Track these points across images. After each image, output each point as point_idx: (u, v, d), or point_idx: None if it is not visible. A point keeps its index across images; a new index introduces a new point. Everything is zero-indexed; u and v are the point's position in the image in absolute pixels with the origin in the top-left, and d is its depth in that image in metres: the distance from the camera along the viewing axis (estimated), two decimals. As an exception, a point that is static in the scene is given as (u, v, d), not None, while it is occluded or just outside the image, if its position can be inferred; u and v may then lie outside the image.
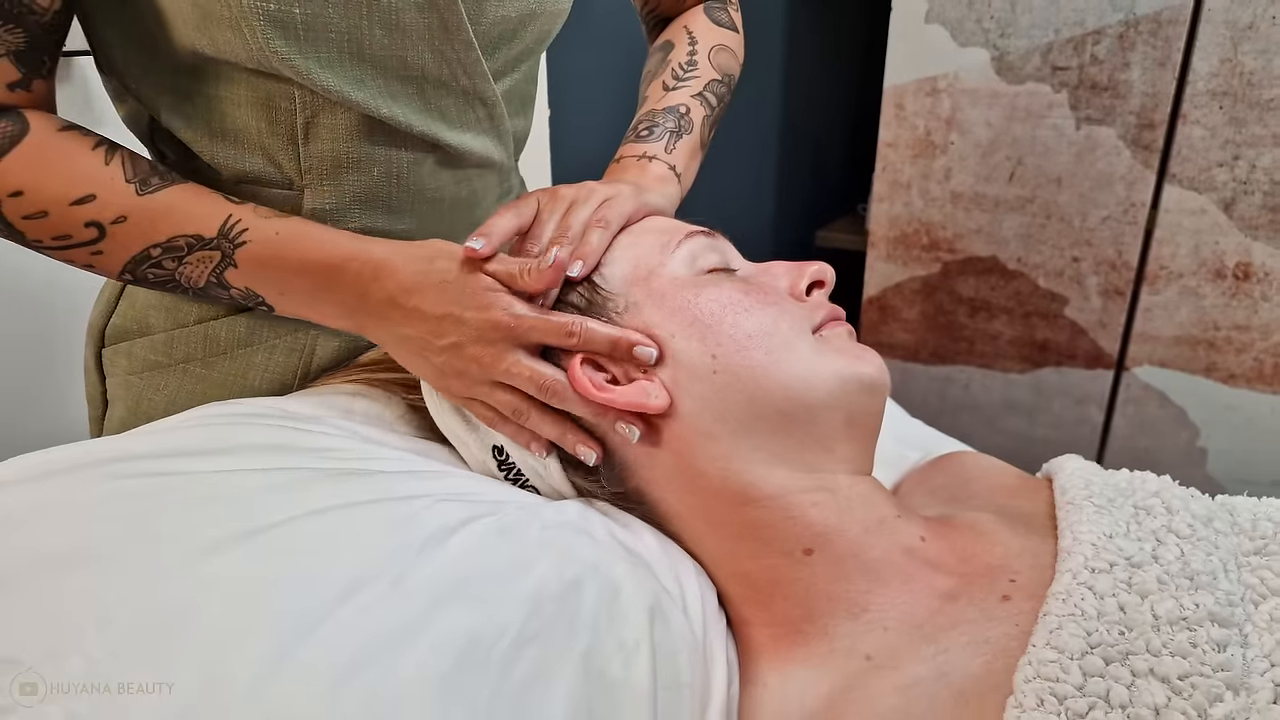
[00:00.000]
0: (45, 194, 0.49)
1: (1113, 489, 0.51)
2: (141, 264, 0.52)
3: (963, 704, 0.40)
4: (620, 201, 0.54)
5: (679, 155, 0.63)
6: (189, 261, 0.52)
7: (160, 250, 0.51)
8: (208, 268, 0.52)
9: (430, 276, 0.49)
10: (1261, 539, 0.46)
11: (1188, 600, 0.40)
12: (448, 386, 0.51)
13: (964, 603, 0.45)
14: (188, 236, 0.51)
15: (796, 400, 0.48)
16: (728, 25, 0.74)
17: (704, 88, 0.68)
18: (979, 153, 1.45)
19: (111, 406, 0.64)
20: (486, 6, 0.56)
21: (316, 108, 0.54)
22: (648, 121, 0.64)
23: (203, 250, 0.51)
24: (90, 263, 0.52)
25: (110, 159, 0.51)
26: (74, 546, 0.40)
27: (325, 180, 0.56)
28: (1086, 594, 0.41)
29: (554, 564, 0.44)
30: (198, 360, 0.60)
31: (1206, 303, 1.36)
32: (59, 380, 1.10)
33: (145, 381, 0.61)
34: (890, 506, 0.50)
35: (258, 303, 0.54)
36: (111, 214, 0.50)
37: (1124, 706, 0.37)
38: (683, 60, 0.69)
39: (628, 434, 0.49)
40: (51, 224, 0.50)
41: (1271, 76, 1.23)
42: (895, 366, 1.64)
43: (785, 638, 0.48)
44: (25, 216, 0.49)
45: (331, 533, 0.42)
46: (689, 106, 0.66)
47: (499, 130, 0.62)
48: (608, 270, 0.52)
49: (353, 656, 0.36)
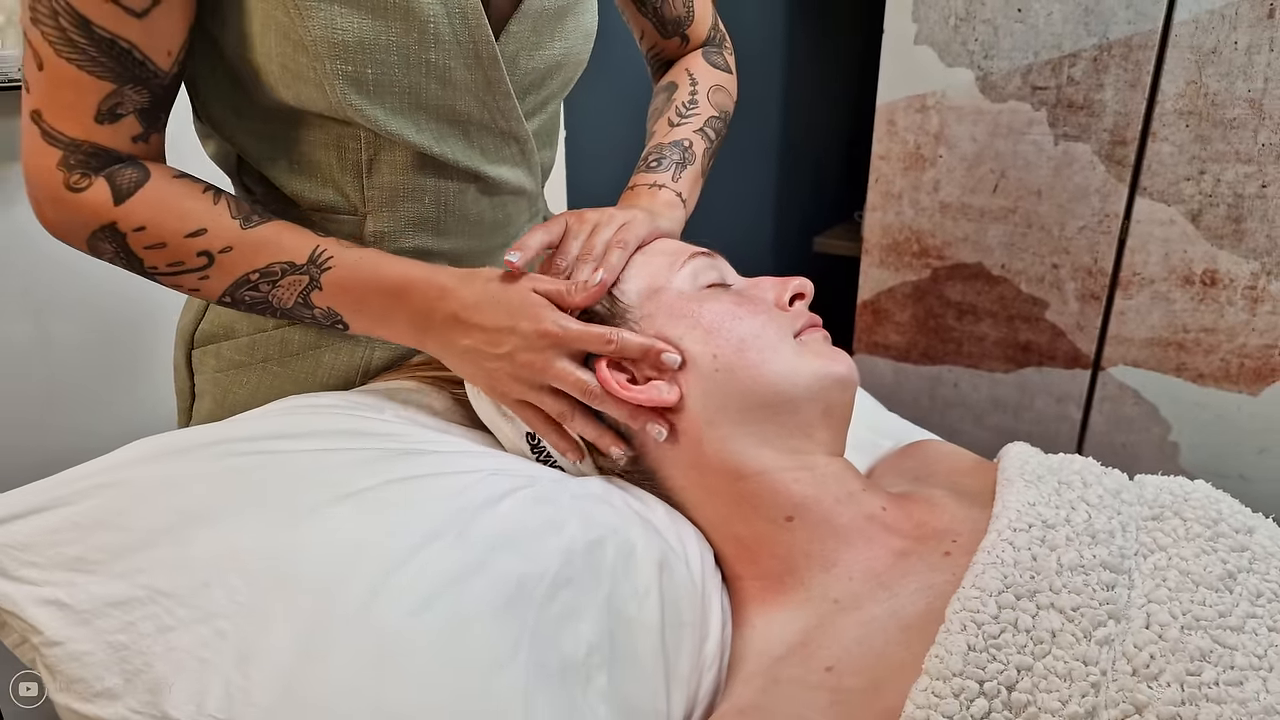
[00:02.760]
0: (165, 229, 0.58)
1: (1043, 468, 0.61)
2: (240, 287, 0.60)
3: (908, 634, 0.50)
4: (636, 225, 0.64)
5: (684, 183, 0.73)
6: (281, 285, 0.60)
7: (258, 275, 0.59)
8: (296, 290, 0.60)
9: (489, 295, 0.58)
10: (1160, 507, 0.57)
11: (1087, 552, 0.51)
12: (502, 391, 0.60)
13: (914, 559, 0.56)
14: (282, 263, 0.59)
15: (782, 394, 0.59)
16: (723, 68, 0.85)
17: (704, 124, 0.78)
18: (965, 166, 1.55)
19: (199, 399, 0.74)
20: (520, 60, 0.66)
21: (378, 147, 0.64)
22: (656, 154, 0.75)
23: (294, 275, 0.59)
24: (197, 286, 0.60)
25: (217, 200, 0.60)
26: (203, 508, 0.51)
27: (384, 207, 0.67)
28: (1006, 547, 0.51)
29: (581, 526, 0.55)
30: (275, 360, 0.70)
31: (1176, 307, 1.45)
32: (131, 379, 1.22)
33: (230, 378, 0.71)
34: (858, 482, 0.60)
35: (335, 321, 0.62)
36: (219, 244, 0.58)
37: (1029, 630, 0.47)
38: (685, 99, 0.79)
39: (656, 434, 0.59)
40: (169, 253, 0.58)
41: (1234, 97, 1.32)
42: (888, 366, 1.73)
43: (770, 588, 0.58)
44: (147, 247, 0.58)
45: (407, 497, 0.52)
46: (691, 140, 0.76)
47: (529, 163, 0.72)
48: (626, 286, 0.62)
49: (431, 588, 0.47)
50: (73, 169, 0.56)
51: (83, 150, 0.56)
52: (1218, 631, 0.47)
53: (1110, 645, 0.46)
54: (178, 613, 0.46)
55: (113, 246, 0.58)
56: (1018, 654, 0.46)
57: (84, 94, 0.55)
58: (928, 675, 0.45)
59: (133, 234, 0.58)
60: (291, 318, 0.62)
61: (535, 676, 0.47)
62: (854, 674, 0.50)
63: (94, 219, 0.57)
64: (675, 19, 0.83)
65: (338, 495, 0.51)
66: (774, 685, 0.52)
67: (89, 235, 0.58)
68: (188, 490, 0.52)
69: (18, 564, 0.48)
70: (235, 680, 0.44)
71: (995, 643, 0.46)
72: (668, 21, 0.83)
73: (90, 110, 0.55)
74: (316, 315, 0.61)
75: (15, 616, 0.47)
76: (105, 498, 0.51)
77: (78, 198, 0.57)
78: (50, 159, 0.56)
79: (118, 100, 0.56)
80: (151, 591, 0.47)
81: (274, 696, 0.43)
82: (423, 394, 0.68)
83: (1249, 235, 1.37)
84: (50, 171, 0.56)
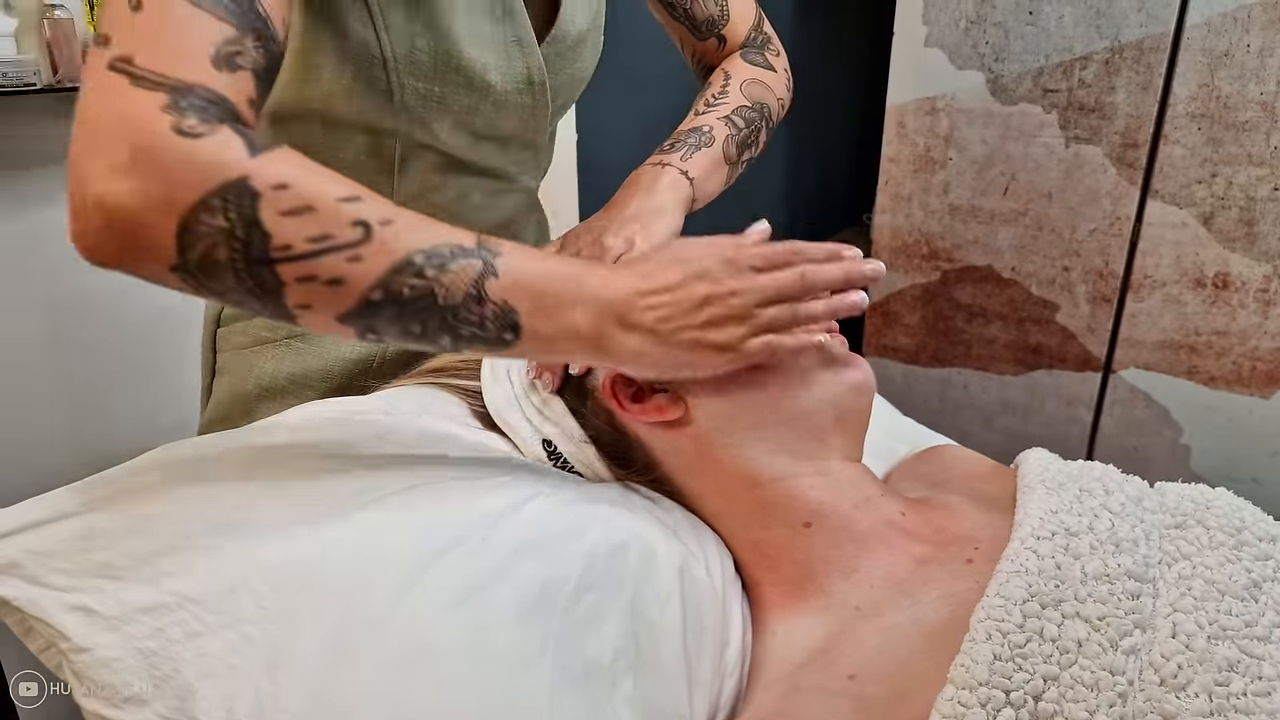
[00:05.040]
0: (313, 187, 0.44)
1: (1064, 475, 0.61)
2: (401, 272, 0.45)
3: (931, 642, 0.50)
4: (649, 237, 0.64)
5: (694, 164, 0.72)
6: (452, 270, 0.46)
7: (424, 256, 0.46)
8: (469, 278, 0.47)
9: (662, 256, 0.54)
10: (1182, 515, 0.57)
11: (1111, 561, 0.51)
12: (716, 342, 0.52)
13: (935, 565, 0.56)
14: (450, 244, 0.47)
15: (796, 402, 0.59)
16: (763, 65, 0.83)
17: (731, 112, 0.76)
18: (975, 168, 1.55)
19: (219, 376, 0.76)
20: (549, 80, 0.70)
21: (410, 148, 0.68)
22: (672, 139, 0.74)
23: (465, 260, 0.47)
24: (341, 274, 0.44)
25: None
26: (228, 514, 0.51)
27: (410, 202, 0.67)
28: (1030, 555, 0.51)
29: (603, 530, 0.55)
30: (299, 336, 0.73)
31: (1188, 310, 1.45)
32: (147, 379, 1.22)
33: (255, 354, 0.73)
34: (875, 487, 0.60)
35: (505, 326, 0.48)
36: (378, 215, 0.45)
37: (1054, 640, 0.47)
38: (715, 92, 0.78)
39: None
40: (315, 221, 0.43)
41: (1246, 100, 1.32)
42: (898, 369, 1.73)
43: (790, 595, 0.58)
44: (285, 212, 0.43)
45: (429, 502, 0.52)
46: (712, 126, 0.75)
47: (540, 166, 0.80)
48: None
49: (455, 592, 0.47)
50: (185, 111, 0.42)
51: (198, 95, 0.43)
52: (1245, 641, 0.47)
53: (1137, 655, 0.46)
54: (206, 619, 0.46)
55: (230, 219, 0.42)
56: (1044, 664, 0.46)
57: (200, 34, 0.44)
58: (953, 685, 0.45)
59: (270, 193, 0.43)
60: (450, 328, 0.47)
61: (560, 679, 0.47)
62: (876, 682, 0.50)
63: (216, 173, 0.42)
64: (708, 19, 0.83)
65: (362, 502, 0.51)
66: (795, 692, 0.52)
67: (201, 199, 0.41)
68: (214, 497, 0.52)
69: (45, 570, 0.48)
70: (264, 686, 0.44)
71: (1021, 652, 0.46)
72: (700, 23, 0.83)
73: (206, 53, 0.44)
74: (487, 315, 0.48)
75: (43, 623, 0.47)
76: (132, 504, 0.51)
77: (192, 145, 0.41)
78: (148, 101, 0.41)
79: (238, 49, 0.45)
80: (180, 598, 0.47)
81: (303, 701, 0.43)
82: (445, 401, 0.69)
83: (1261, 238, 1.37)
84: (146, 115, 0.41)
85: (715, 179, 0.74)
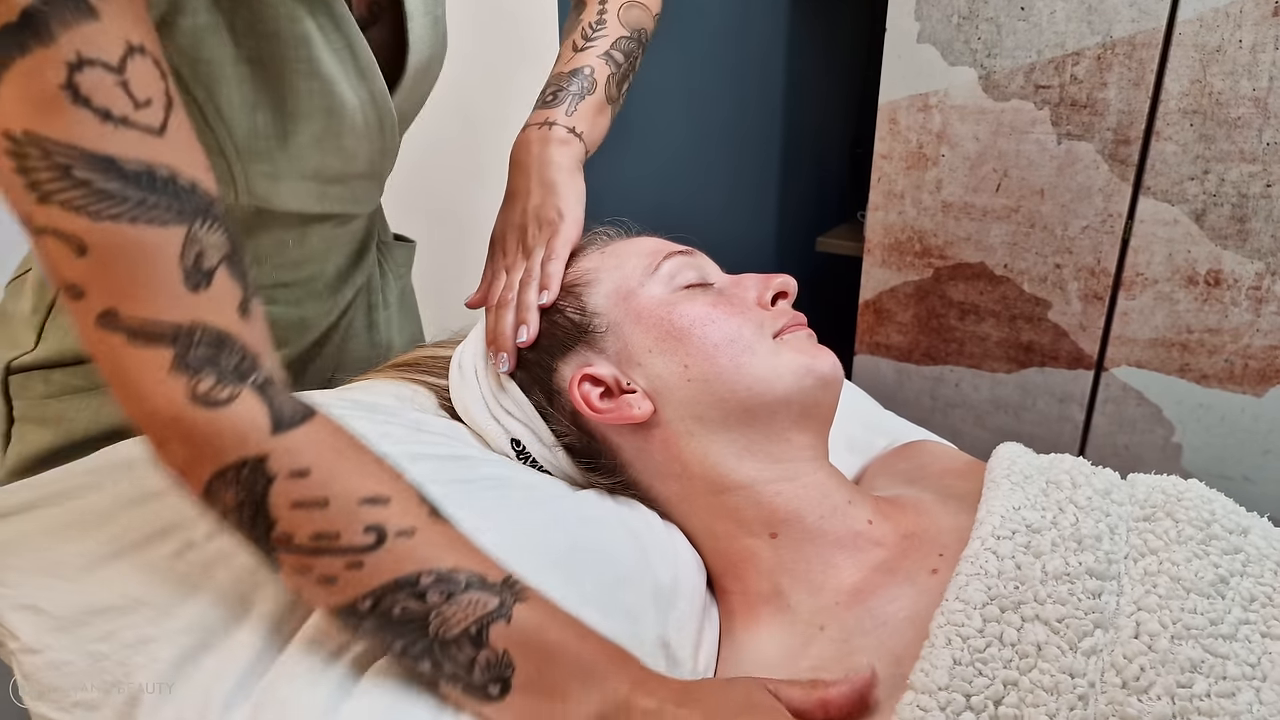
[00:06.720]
0: (336, 481, 0.41)
1: (1032, 468, 0.60)
2: (399, 590, 0.42)
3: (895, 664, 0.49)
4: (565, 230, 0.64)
5: (580, 116, 0.69)
6: (459, 600, 0.42)
7: (434, 578, 0.42)
8: (475, 613, 0.42)
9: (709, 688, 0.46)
10: (1151, 508, 0.56)
11: (1073, 559, 0.50)
12: None
13: (901, 577, 0.54)
14: (471, 572, 0.43)
15: (757, 397, 0.58)
16: None
17: (611, 46, 0.73)
18: (967, 165, 1.54)
19: (20, 425, 0.66)
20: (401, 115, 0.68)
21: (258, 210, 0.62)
22: (554, 86, 0.71)
23: (480, 592, 0.43)
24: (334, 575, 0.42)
25: (401, 472, 0.45)
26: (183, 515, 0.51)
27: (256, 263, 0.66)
28: (990, 556, 0.50)
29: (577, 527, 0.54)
30: None
31: (1180, 307, 1.44)
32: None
33: (66, 404, 0.64)
34: (843, 493, 0.59)
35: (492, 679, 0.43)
36: (401, 524, 0.42)
37: (1014, 644, 0.46)
38: (592, 20, 0.74)
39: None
40: (325, 517, 0.41)
41: (1238, 96, 1.31)
42: (890, 367, 1.72)
43: (757, 606, 0.57)
44: (297, 503, 0.41)
45: None
46: (594, 67, 0.71)
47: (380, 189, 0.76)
48: (594, 289, 0.62)
49: None
50: (196, 370, 0.40)
51: (200, 342, 0.40)
52: (1209, 640, 0.46)
53: (1098, 656, 0.46)
54: (160, 622, 0.46)
55: (240, 497, 0.41)
56: (1004, 668, 0.45)
57: (156, 256, 0.39)
58: (913, 690, 0.45)
59: (284, 481, 0.41)
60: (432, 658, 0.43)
61: None
62: None
63: (235, 449, 0.40)
64: None
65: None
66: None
67: (218, 471, 0.41)
68: (169, 497, 0.52)
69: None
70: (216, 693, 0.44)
71: (981, 657, 0.45)
72: None
73: (174, 275, 0.39)
74: (478, 661, 0.43)
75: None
76: (85, 502, 0.50)
77: (212, 416, 0.40)
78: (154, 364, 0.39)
79: (197, 249, 0.40)
80: (132, 600, 0.47)
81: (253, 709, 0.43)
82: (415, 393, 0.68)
83: (1253, 235, 1.36)
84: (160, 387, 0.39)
85: (601, 124, 0.72)
